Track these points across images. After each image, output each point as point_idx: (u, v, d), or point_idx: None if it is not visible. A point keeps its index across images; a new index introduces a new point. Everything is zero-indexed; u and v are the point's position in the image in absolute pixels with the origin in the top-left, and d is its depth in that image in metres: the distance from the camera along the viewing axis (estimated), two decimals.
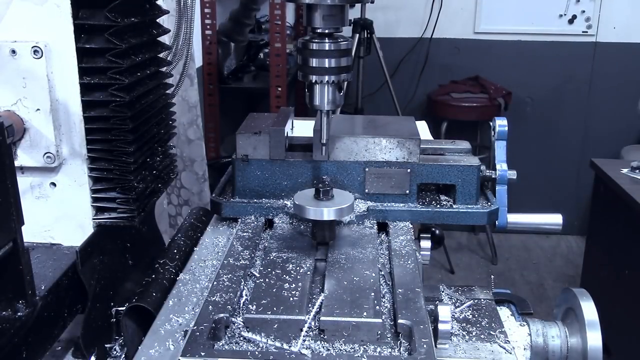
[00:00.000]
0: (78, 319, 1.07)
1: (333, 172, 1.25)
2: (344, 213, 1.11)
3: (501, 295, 1.18)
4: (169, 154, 1.31)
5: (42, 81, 1.02)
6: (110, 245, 1.15)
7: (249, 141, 1.27)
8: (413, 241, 1.19)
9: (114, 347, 1.03)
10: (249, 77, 4.00)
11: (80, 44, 1.02)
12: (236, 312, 0.95)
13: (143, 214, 1.15)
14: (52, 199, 1.10)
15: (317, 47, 0.99)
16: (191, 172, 2.64)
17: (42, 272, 1.02)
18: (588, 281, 3.26)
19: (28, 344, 0.92)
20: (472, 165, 1.27)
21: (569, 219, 1.53)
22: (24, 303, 0.90)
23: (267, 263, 1.07)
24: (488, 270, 4.22)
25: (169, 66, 1.33)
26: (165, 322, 0.99)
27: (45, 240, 1.12)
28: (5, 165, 0.82)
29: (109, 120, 1.06)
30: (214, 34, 3.61)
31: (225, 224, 1.32)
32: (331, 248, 1.13)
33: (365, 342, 0.88)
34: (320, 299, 0.96)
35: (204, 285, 1.08)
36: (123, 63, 1.03)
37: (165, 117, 1.29)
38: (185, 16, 1.37)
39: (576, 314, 1.03)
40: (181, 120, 2.49)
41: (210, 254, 1.20)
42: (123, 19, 1.03)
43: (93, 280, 1.08)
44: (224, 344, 0.90)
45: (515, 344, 1.03)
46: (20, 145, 1.05)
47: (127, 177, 1.09)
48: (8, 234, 0.84)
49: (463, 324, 1.05)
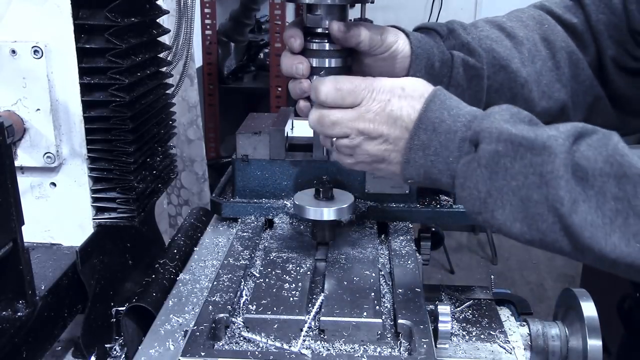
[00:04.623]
0: (78, 319, 1.07)
1: (333, 172, 1.25)
2: (344, 213, 1.11)
3: (501, 295, 1.18)
4: (169, 154, 1.31)
5: (42, 81, 1.02)
6: (110, 245, 1.15)
7: (249, 141, 1.27)
8: (413, 241, 1.19)
9: (114, 347, 1.03)
10: (249, 77, 4.00)
11: (80, 44, 1.02)
12: (236, 312, 0.95)
13: (143, 214, 1.15)
14: (52, 199, 1.10)
15: (317, 47, 0.99)
16: (191, 172, 2.64)
17: (42, 272, 1.02)
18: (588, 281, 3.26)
19: (28, 344, 0.92)
20: None
21: None
22: (24, 303, 0.90)
23: (267, 263, 1.07)
24: (488, 270, 4.22)
25: (169, 66, 1.33)
26: (165, 322, 0.99)
27: (45, 240, 1.12)
28: (5, 165, 0.82)
29: (109, 120, 1.06)
30: (214, 34, 3.61)
31: (225, 224, 1.32)
32: (331, 248, 1.13)
33: (365, 342, 0.88)
34: (320, 299, 0.96)
35: (204, 285, 1.08)
36: (123, 63, 1.03)
37: (165, 117, 1.29)
38: (185, 16, 1.37)
39: (576, 314, 1.03)
40: (181, 120, 2.49)
41: (210, 254, 1.20)
42: (123, 19, 1.03)
43: (93, 280, 1.08)
44: (224, 344, 0.90)
45: (515, 344, 1.03)
46: (20, 145, 1.05)
47: (127, 177, 1.09)
48: (8, 234, 0.84)
49: (463, 324, 1.05)
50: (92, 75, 1.04)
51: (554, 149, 0.75)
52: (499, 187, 0.78)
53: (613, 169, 0.72)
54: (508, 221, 0.78)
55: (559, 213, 0.74)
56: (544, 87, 1.09)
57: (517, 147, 0.77)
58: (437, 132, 0.84)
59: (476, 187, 0.80)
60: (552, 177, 0.74)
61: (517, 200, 0.77)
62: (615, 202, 0.72)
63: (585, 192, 0.73)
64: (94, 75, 1.04)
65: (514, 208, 0.77)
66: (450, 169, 0.83)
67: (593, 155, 0.74)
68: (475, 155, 0.80)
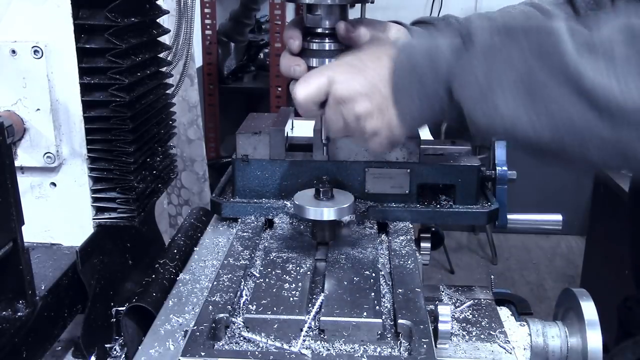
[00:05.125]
0: (78, 319, 1.07)
1: (333, 172, 1.25)
2: (344, 213, 1.11)
3: (501, 295, 1.18)
4: (169, 154, 1.31)
5: (42, 81, 1.02)
6: (110, 245, 1.15)
7: (249, 141, 1.27)
8: (413, 241, 1.19)
9: (114, 347, 1.03)
10: (249, 77, 4.00)
11: (80, 44, 1.02)
12: (236, 312, 0.95)
13: (143, 214, 1.15)
14: (52, 199, 1.10)
15: (317, 47, 0.99)
16: (191, 172, 2.64)
17: (42, 272, 1.02)
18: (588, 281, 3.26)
19: (28, 344, 0.92)
20: (472, 166, 1.27)
21: (569, 219, 1.53)
22: (24, 303, 0.90)
23: (267, 263, 1.07)
24: (488, 270, 4.22)
25: (169, 66, 1.33)
26: (165, 322, 0.99)
27: (45, 240, 1.12)
28: (5, 165, 0.82)
29: (109, 120, 1.06)
30: (214, 34, 3.61)
31: (225, 224, 1.32)
32: (331, 248, 1.13)
33: (365, 342, 0.88)
34: (320, 299, 0.96)
35: (204, 285, 1.08)
36: (123, 63, 1.03)
37: (165, 117, 1.29)
38: (185, 16, 1.37)
39: (576, 314, 1.03)
40: (181, 120, 2.49)
41: (210, 254, 1.20)
42: (123, 19, 1.03)
43: (93, 280, 1.08)
44: (224, 344, 0.90)
45: (515, 344, 1.03)
46: (20, 145, 1.05)
47: (127, 177, 1.09)
48: (8, 234, 0.85)
49: (463, 324, 1.04)
50: (92, 75, 1.04)
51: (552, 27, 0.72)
52: (499, 77, 0.74)
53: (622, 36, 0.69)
54: (514, 112, 0.73)
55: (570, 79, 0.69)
56: None
57: (513, 33, 0.74)
58: (417, 54, 0.82)
59: (476, 82, 0.76)
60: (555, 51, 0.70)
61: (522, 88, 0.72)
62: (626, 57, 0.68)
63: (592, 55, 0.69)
64: (94, 75, 1.04)
65: (519, 96, 0.73)
66: (442, 76, 0.79)
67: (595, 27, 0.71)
68: (471, 50, 0.77)
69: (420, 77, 0.82)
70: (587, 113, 0.70)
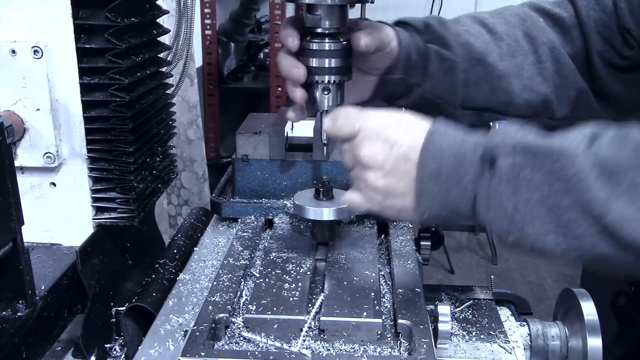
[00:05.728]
0: (78, 319, 1.07)
1: (333, 172, 1.25)
2: (344, 213, 1.11)
3: (501, 295, 1.18)
4: (169, 154, 1.31)
5: (42, 81, 1.02)
6: (110, 245, 1.15)
7: (249, 141, 1.27)
8: (413, 241, 1.19)
9: (114, 347, 1.03)
10: (249, 77, 4.00)
11: (80, 44, 1.02)
12: (236, 312, 0.95)
13: (143, 214, 1.15)
14: (52, 199, 1.10)
15: (317, 47, 0.99)
16: (191, 172, 2.64)
17: (42, 272, 1.02)
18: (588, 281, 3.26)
19: (28, 344, 0.92)
20: None
21: None
22: (24, 303, 0.90)
23: (267, 263, 1.07)
24: (488, 270, 4.21)
25: (169, 66, 1.33)
26: (165, 322, 0.99)
27: (45, 240, 1.12)
28: (5, 165, 0.82)
29: (109, 120, 1.06)
30: (214, 34, 3.61)
31: (225, 224, 1.32)
32: (331, 248, 1.13)
33: (365, 342, 0.88)
34: (320, 299, 0.96)
35: (204, 285, 1.08)
36: (123, 63, 1.03)
37: (165, 117, 1.29)
38: (185, 16, 1.37)
39: (576, 314, 1.03)
40: (181, 120, 2.49)
41: (210, 254, 1.20)
42: (123, 19, 1.03)
43: (93, 280, 1.08)
44: (224, 344, 0.90)
45: (515, 344, 1.03)
46: (20, 145, 1.05)
47: (127, 177, 1.09)
48: (8, 234, 0.84)
49: (463, 324, 1.04)
50: (92, 75, 1.04)
51: (572, 151, 0.72)
52: (524, 201, 0.74)
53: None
54: (540, 234, 0.74)
55: (594, 214, 0.70)
56: (526, 81, 1.11)
57: (535, 156, 0.74)
58: (444, 157, 0.81)
59: (501, 205, 0.76)
60: (578, 180, 0.71)
61: (546, 211, 0.73)
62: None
63: (616, 188, 0.69)
64: (94, 75, 1.04)
65: (544, 219, 0.73)
66: (467, 192, 0.80)
67: (616, 150, 0.71)
68: (495, 172, 0.77)
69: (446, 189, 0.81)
70: (611, 247, 0.71)
